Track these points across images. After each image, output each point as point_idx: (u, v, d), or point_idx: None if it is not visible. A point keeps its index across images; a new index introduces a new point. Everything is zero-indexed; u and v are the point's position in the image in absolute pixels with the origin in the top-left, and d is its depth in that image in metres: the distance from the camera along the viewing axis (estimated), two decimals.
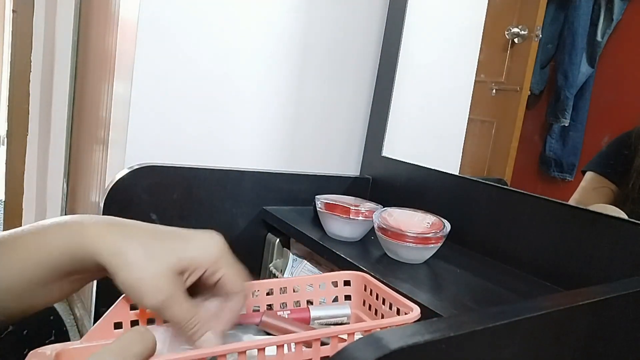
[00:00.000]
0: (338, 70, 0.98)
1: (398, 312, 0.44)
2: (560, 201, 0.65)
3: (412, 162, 0.89)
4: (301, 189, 0.90)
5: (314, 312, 0.47)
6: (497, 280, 0.63)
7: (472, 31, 0.95)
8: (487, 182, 0.75)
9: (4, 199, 2.03)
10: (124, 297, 0.40)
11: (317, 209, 0.75)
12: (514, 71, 0.89)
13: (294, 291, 0.49)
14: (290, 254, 0.81)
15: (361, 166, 1.03)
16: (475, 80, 0.94)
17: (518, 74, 0.88)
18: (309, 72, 0.94)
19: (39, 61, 1.87)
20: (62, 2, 1.79)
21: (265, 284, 0.47)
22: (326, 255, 0.70)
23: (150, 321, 0.42)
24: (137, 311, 0.41)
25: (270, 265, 0.84)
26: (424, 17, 0.96)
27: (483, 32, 0.93)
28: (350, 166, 1.03)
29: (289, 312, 0.47)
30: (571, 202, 0.70)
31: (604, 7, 0.77)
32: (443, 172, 0.82)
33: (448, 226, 0.66)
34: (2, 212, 2.11)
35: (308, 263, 0.78)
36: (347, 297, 0.51)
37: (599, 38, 0.77)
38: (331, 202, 0.73)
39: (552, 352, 0.39)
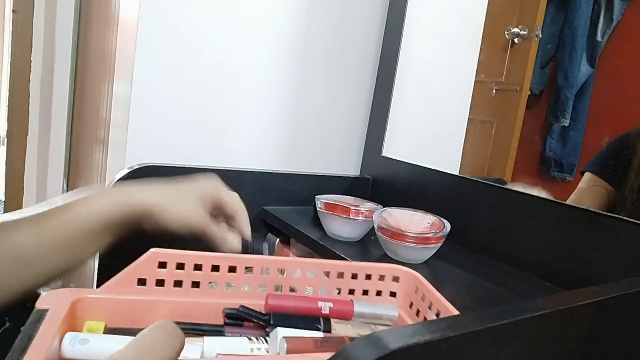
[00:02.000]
0: (338, 70, 0.98)
1: None
2: (560, 201, 0.65)
3: (412, 162, 0.89)
4: (301, 189, 0.90)
5: (358, 308, 0.44)
6: (497, 280, 0.63)
7: (472, 31, 0.95)
8: (487, 182, 0.75)
9: (4, 199, 2.03)
10: (153, 251, 0.39)
11: (317, 209, 0.75)
12: (514, 71, 0.89)
13: (337, 277, 0.45)
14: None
15: (361, 166, 1.03)
16: (475, 80, 0.94)
17: (518, 74, 0.88)
18: (309, 72, 0.94)
19: (39, 61, 1.87)
20: (62, 2, 1.79)
21: (307, 263, 0.45)
22: (326, 255, 0.70)
23: (178, 283, 0.41)
24: (166, 270, 0.40)
25: None
26: (424, 17, 0.96)
27: (483, 32, 0.93)
28: (350, 166, 1.03)
29: (331, 304, 0.43)
30: (569, 202, 0.70)
31: (604, 7, 0.77)
32: (443, 172, 0.82)
33: (448, 226, 0.66)
34: (2, 212, 2.11)
35: None
36: (392, 294, 0.48)
37: (599, 38, 0.77)
38: (331, 202, 0.73)
39: (552, 352, 0.39)
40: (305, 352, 0.32)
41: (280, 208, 0.87)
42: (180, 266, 0.41)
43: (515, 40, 0.88)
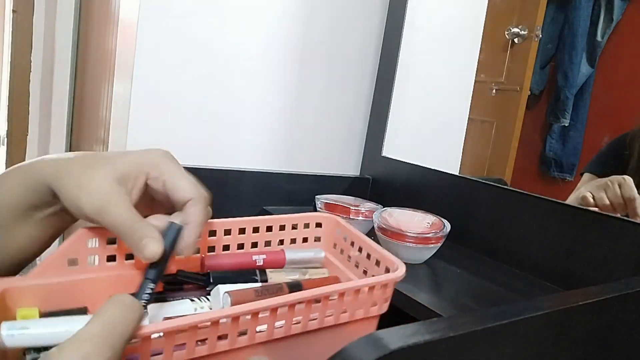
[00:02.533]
0: (338, 70, 0.98)
1: (377, 263, 0.44)
2: (560, 201, 0.65)
3: (412, 162, 0.89)
4: (301, 189, 0.90)
5: (289, 255, 0.47)
6: (497, 280, 0.63)
7: (472, 31, 0.95)
8: (487, 182, 0.75)
9: None
10: (82, 229, 0.38)
11: (317, 209, 0.75)
12: (514, 71, 0.89)
13: (266, 231, 0.48)
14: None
15: (361, 166, 1.03)
16: (475, 80, 0.94)
17: (518, 74, 0.88)
18: (309, 72, 0.94)
19: (39, 61, 1.87)
20: (62, 2, 1.79)
21: (236, 222, 0.46)
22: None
23: (111, 258, 0.39)
24: (97, 247, 0.38)
25: None
26: (423, 17, 0.96)
27: (483, 32, 0.93)
28: (350, 166, 1.03)
29: (264, 256, 0.46)
30: (568, 202, 0.70)
31: (604, 7, 0.77)
32: (443, 172, 0.82)
33: (448, 226, 0.66)
34: None
35: None
36: (317, 239, 0.51)
37: (599, 38, 0.77)
38: (331, 202, 0.73)
39: (552, 352, 0.39)
40: (247, 302, 0.33)
41: (280, 208, 0.87)
42: (112, 241, 0.39)
43: (515, 40, 0.88)
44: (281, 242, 0.49)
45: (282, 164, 0.94)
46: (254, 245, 0.47)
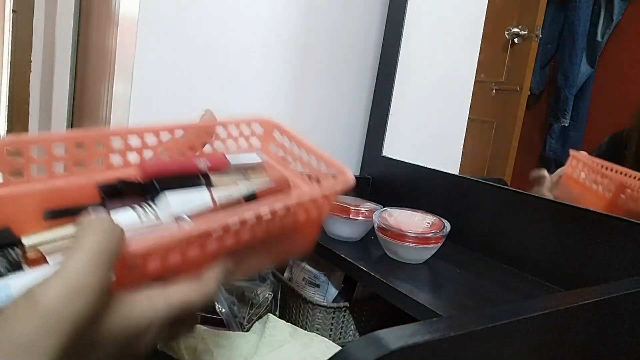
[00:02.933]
0: (338, 70, 0.98)
1: (321, 166, 0.45)
2: (560, 201, 0.65)
3: (412, 162, 0.89)
4: None
5: (231, 159, 0.47)
6: (497, 280, 0.63)
7: (472, 31, 0.95)
8: (487, 182, 0.75)
9: None
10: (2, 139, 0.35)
11: None
12: (514, 71, 0.89)
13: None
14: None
15: (361, 166, 1.03)
16: (475, 80, 0.94)
17: (518, 74, 0.88)
18: (309, 72, 0.94)
19: (39, 61, 1.87)
20: (62, 2, 1.79)
21: (171, 127, 0.44)
22: (326, 255, 0.70)
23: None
24: (22, 158, 0.36)
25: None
26: (424, 17, 0.96)
27: (483, 32, 0.93)
28: (350, 166, 1.03)
29: (206, 160, 0.45)
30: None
31: (604, 7, 0.77)
32: (443, 172, 0.82)
33: (448, 226, 0.66)
34: None
35: (308, 263, 0.78)
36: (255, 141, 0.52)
37: (599, 38, 0.77)
38: None
39: (552, 352, 0.39)
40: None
41: None
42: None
43: (515, 40, 0.88)
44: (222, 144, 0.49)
45: None
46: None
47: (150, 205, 0.39)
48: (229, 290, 0.77)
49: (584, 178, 0.68)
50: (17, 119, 1.91)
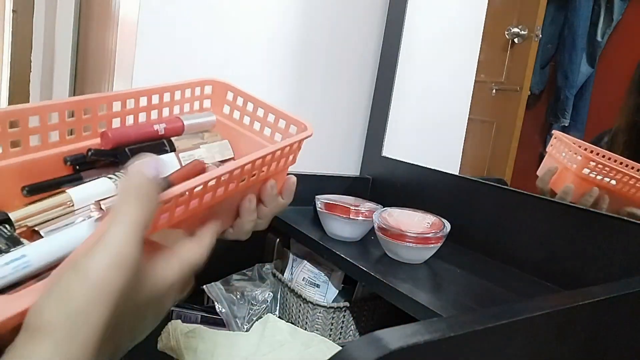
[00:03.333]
0: (338, 70, 0.98)
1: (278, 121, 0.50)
2: (560, 201, 0.65)
3: (412, 162, 0.89)
4: (301, 189, 0.90)
5: (186, 122, 0.49)
6: (497, 280, 0.63)
7: (472, 31, 0.95)
8: (487, 182, 0.75)
9: None
10: None
11: (317, 209, 0.75)
12: (514, 71, 0.89)
13: (160, 101, 0.48)
14: (290, 254, 0.81)
15: (361, 166, 1.03)
16: (475, 80, 0.94)
17: (518, 74, 0.88)
18: (309, 72, 0.94)
19: (39, 61, 1.87)
20: (62, 2, 1.79)
21: (126, 94, 0.45)
22: (326, 255, 0.70)
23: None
24: None
25: (271, 264, 0.84)
26: (424, 17, 0.96)
27: (483, 32, 0.93)
28: (350, 166, 1.03)
29: (164, 124, 0.47)
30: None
31: (604, 7, 0.77)
32: (443, 172, 0.82)
33: (448, 226, 0.66)
34: None
35: (308, 263, 0.78)
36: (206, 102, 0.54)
37: (599, 38, 0.77)
38: (331, 202, 0.73)
39: (552, 352, 0.39)
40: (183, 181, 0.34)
41: None
42: (14, 124, 0.37)
43: (515, 40, 0.88)
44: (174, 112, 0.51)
45: None
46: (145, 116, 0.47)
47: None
48: (229, 290, 0.77)
49: (563, 157, 0.72)
50: None
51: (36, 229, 0.34)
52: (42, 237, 0.33)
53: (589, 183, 0.66)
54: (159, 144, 0.45)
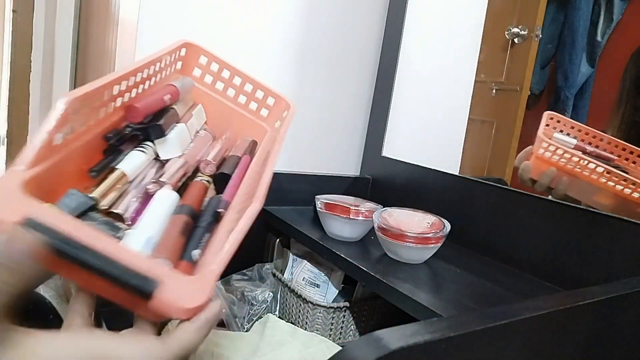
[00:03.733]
0: (338, 71, 0.98)
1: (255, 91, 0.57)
2: (560, 201, 0.65)
3: (412, 162, 0.89)
4: (301, 189, 0.90)
5: (178, 85, 0.53)
6: (497, 280, 0.63)
7: (472, 31, 0.95)
8: (487, 182, 0.75)
9: None
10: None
11: (317, 209, 0.75)
12: (514, 71, 0.89)
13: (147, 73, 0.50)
14: (290, 254, 0.81)
15: (361, 166, 1.03)
16: (475, 80, 0.94)
17: (518, 74, 0.88)
18: (309, 72, 0.94)
19: (39, 61, 1.87)
20: (62, 2, 1.79)
21: (131, 72, 0.45)
22: (326, 255, 0.70)
23: None
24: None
25: (271, 264, 0.84)
26: (424, 17, 0.96)
27: (483, 32, 0.93)
28: (350, 166, 1.03)
29: (169, 95, 0.50)
30: None
31: (604, 7, 0.77)
32: (443, 172, 0.82)
33: (448, 226, 0.66)
34: None
35: (308, 263, 0.78)
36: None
37: (599, 38, 0.77)
38: (331, 202, 0.73)
39: (552, 352, 0.39)
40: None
41: (280, 208, 0.87)
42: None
43: (515, 40, 0.88)
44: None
45: (282, 164, 0.94)
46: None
47: (147, 145, 0.45)
48: (229, 290, 0.77)
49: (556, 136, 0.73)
50: (17, 119, 1.91)
51: (113, 210, 0.37)
52: (117, 214, 0.37)
53: (547, 163, 0.67)
54: (173, 113, 0.50)
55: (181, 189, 0.45)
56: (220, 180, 0.48)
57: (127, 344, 0.28)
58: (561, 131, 0.72)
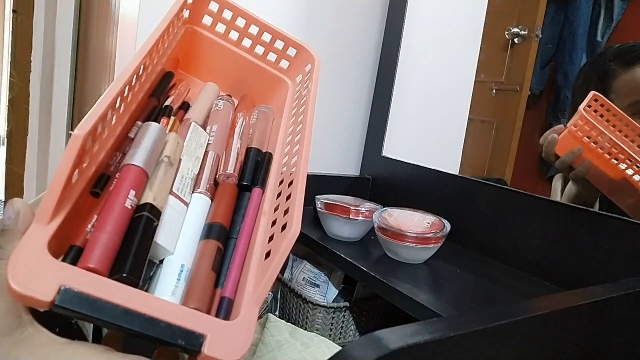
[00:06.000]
0: (338, 70, 0.97)
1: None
2: (560, 201, 0.65)
3: (412, 162, 0.89)
4: None
5: None
6: (497, 280, 0.63)
7: (472, 31, 0.95)
8: (487, 182, 0.75)
9: (3, 199, 2.03)
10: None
11: (317, 209, 0.75)
12: (514, 71, 0.89)
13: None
14: (290, 254, 0.81)
15: (361, 166, 1.03)
16: (475, 80, 0.94)
17: (518, 74, 0.88)
18: None
19: (39, 61, 1.87)
20: (62, 2, 1.79)
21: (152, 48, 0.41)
22: (326, 255, 0.70)
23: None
24: None
25: None
26: (424, 17, 0.96)
27: (483, 32, 0.93)
28: (350, 166, 1.03)
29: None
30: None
31: (604, 7, 0.77)
32: (443, 172, 0.82)
33: (448, 226, 0.66)
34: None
35: (308, 263, 0.78)
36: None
37: (599, 38, 0.77)
38: (331, 202, 0.73)
39: (552, 352, 0.39)
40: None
41: None
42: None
43: (515, 40, 0.88)
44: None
45: None
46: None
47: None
48: None
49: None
50: (17, 119, 1.91)
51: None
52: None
53: (576, 140, 0.66)
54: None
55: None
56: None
57: None
58: (601, 116, 0.68)
